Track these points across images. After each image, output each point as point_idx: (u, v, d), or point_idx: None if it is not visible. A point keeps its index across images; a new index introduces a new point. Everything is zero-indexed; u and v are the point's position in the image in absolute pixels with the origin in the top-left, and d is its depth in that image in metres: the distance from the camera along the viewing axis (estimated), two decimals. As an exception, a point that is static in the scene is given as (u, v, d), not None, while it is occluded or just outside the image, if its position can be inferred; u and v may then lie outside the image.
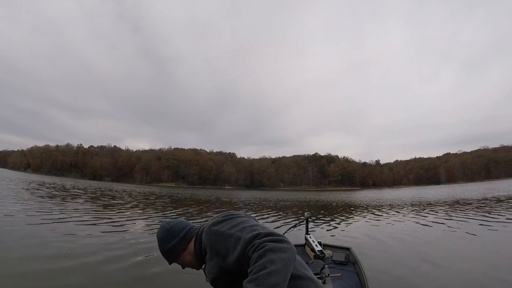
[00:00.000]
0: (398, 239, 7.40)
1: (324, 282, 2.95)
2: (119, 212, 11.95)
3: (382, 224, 10.32)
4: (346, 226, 10.00)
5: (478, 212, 12.63)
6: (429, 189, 63.89)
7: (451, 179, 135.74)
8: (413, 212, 14.16)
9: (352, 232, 8.51)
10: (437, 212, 13.64)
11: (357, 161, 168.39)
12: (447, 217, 11.31)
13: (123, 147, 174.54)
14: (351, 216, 13.21)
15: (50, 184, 31.13)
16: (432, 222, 10.28)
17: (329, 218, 11.99)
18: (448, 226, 9.14)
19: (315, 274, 3.04)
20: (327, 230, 8.87)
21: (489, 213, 11.79)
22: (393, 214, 13.34)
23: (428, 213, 13.10)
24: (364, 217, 12.76)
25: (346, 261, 3.63)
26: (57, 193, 19.68)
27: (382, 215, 13.14)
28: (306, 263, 3.32)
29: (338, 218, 12.29)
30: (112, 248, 5.71)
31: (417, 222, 10.32)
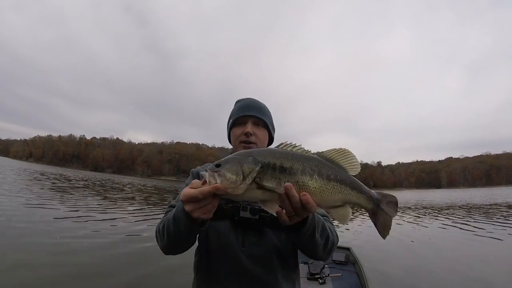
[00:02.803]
0: (402, 240, 7.36)
1: (324, 282, 2.91)
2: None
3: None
4: (347, 226, 9.95)
5: (493, 217, 12.65)
6: (432, 192, 63.66)
7: (452, 184, 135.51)
8: (421, 215, 14.06)
9: (353, 232, 8.49)
10: (451, 216, 13.56)
11: (359, 161, 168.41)
12: (461, 221, 11.30)
13: (125, 140, 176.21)
14: (352, 216, 13.15)
15: (60, 175, 31.23)
16: (450, 225, 10.23)
17: (331, 220, 11.94)
18: (461, 229, 9.19)
19: (315, 274, 3.01)
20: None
21: (505, 217, 12.08)
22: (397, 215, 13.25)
23: (446, 217, 12.99)
24: (366, 217, 12.70)
25: (346, 261, 3.60)
26: (69, 185, 19.76)
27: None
28: (306, 263, 3.31)
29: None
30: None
31: (429, 226, 10.25)
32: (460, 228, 9.45)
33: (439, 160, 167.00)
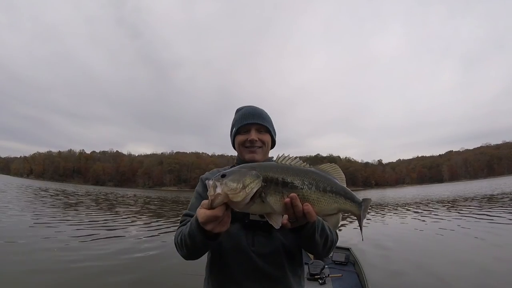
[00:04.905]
0: (404, 238, 7.41)
1: (324, 283, 3.01)
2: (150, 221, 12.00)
3: (388, 223, 10.31)
4: (347, 227, 10.00)
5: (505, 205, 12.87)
6: (435, 187, 63.36)
7: (454, 177, 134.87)
8: (428, 211, 14.07)
9: (352, 233, 8.53)
10: (466, 207, 13.59)
11: (359, 161, 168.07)
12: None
13: (125, 152, 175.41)
14: (351, 217, 13.20)
15: (63, 191, 31.17)
16: (457, 219, 10.26)
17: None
18: (469, 222, 9.14)
19: (315, 274, 3.10)
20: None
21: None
22: (398, 213, 13.30)
23: (453, 211, 12.98)
24: (369, 217, 12.76)
25: (346, 261, 3.68)
26: (71, 201, 19.76)
27: (386, 215, 13.11)
28: (306, 263, 3.41)
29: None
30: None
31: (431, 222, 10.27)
32: (469, 222, 9.48)
33: (439, 154, 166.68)
